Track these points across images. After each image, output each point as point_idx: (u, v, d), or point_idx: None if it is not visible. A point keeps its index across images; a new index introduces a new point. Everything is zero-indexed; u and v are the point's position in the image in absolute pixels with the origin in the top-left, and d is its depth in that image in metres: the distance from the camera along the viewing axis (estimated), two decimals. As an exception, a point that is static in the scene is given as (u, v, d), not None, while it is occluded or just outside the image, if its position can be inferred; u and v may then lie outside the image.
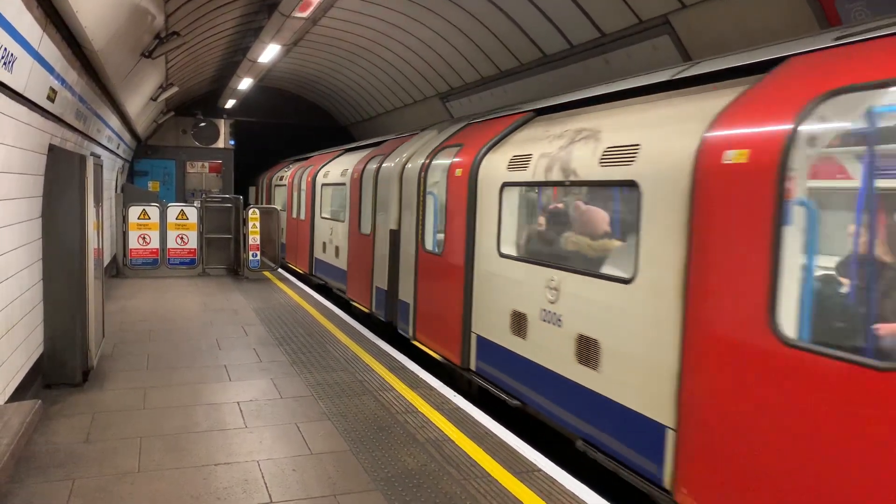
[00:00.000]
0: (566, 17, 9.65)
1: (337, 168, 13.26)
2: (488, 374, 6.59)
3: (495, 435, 5.50)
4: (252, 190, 25.72)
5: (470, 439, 5.39)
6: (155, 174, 22.70)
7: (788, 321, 3.42)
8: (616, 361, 4.72)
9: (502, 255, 6.32)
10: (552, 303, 5.45)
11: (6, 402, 5.28)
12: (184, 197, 22.29)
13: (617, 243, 5.37)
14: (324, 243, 13.57)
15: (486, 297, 6.61)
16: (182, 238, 14.23)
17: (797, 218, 3.53)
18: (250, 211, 14.44)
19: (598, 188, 5.54)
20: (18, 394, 5.63)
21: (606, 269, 5.11)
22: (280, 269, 15.19)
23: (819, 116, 3.51)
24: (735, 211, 3.74)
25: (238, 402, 6.17)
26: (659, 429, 4.26)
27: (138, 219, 13.91)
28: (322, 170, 14.42)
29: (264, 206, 17.53)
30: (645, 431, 4.38)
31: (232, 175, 23.97)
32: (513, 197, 6.38)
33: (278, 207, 16.42)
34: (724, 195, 3.83)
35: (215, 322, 9.70)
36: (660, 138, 4.53)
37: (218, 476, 4.63)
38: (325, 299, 11.93)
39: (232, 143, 23.64)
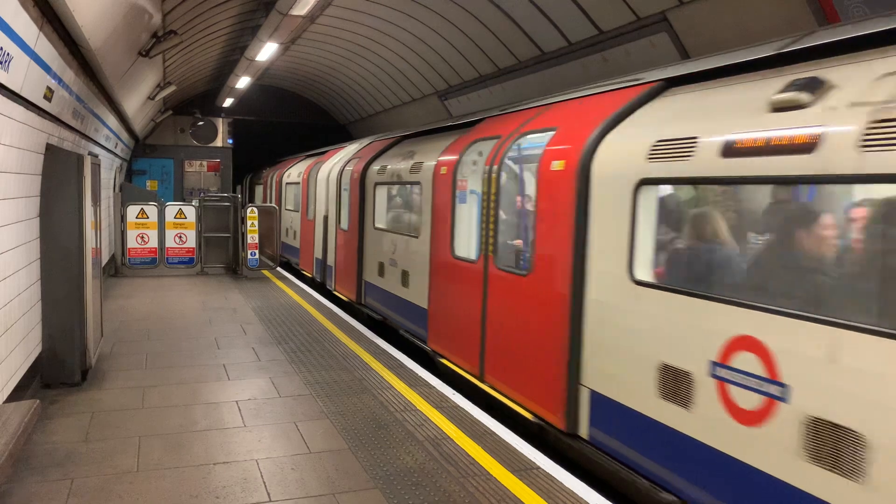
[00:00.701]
0: (564, 14, 9.64)
1: (295, 170, 17.21)
2: (370, 305, 10.15)
3: (494, 433, 5.50)
4: (238, 188, 26.10)
5: (469, 437, 5.39)
6: (153, 173, 22.69)
7: (457, 248, 7.07)
8: (414, 280, 8.32)
9: (375, 228, 9.93)
10: (393, 254, 9.07)
11: (5, 402, 5.28)
12: (182, 196, 22.28)
13: (420, 216, 8.33)
14: (286, 229, 17.24)
15: (369, 256, 10.22)
16: (180, 237, 14.22)
17: (467, 199, 7.19)
18: (249, 210, 14.42)
19: (411, 185, 8.79)
20: (17, 393, 5.63)
21: (413, 231, 8.51)
22: (279, 268, 15.19)
23: (469, 152, 7.14)
24: (441, 197, 7.44)
25: (237, 401, 6.16)
26: (424, 311, 7.89)
27: (136, 218, 13.89)
28: (286, 172, 18.48)
29: (263, 204, 17.51)
30: (422, 315, 7.99)
31: (230, 174, 23.96)
32: (382, 191, 9.99)
33: (258, 203, 19.04)
34: (439, 189, 7.51)
35: (214, 321, 9.70)
36: (428, 159, 8.11)
37: (217, 475, 4.63)
38: (324, 298, 11.93)
39: (230, 141, 23.63)
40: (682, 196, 4.69)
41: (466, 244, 7.01)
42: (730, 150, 3.80)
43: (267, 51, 12.62)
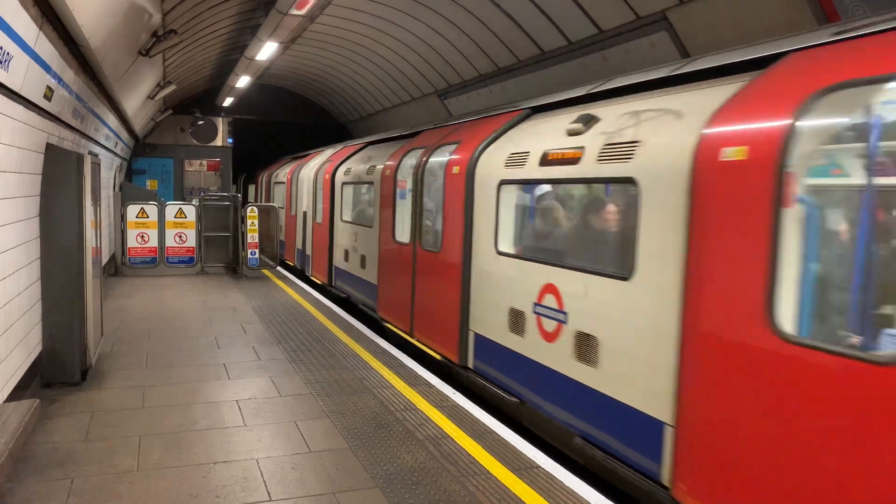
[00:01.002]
0: (564, 13, 9.64)
1: (282, 171, 19.04)
2: (338, 286, 12.04)
3: (494, 432, 5.50)
4: (233, 188, 26.50)
5: (469, 436, 5.39)
6: (153, 173, 22.67)
7: (397, 234, 8.68)
8: (369, 262, 10.06)
9: (342, 221, 11.77)
10: (355, 241, 10.90)
11: (4, 402, 5.28)
12: (182, 195, 22.27)
13: (373, 210, 9.93)
14: None
15: (337, 245, 12.01)
16: (181, 236, 14.22)
17: (406, 196, 8.42)
18: (248, 209, 14.42)
19: (367, 184, 10.55)
20: (17, 393, 5.63)
21: (368, 222, 10.25)
22: (279, 268, 15.19)
23: (407, 158, 8.73)
24: (387, 194, 9.07)
25: (237, 401, 6.17)
26: (375, 287, 9.55)
27: (137, 217, 13.89)
28: (275, 172, 20.52)
29: (263, 203, 17.51)
30: (374, 290, 9.64)
31: (230, 173, 23.94)
32: (348, 190, 11.79)
33: (251, 200, 20.82)
34: (385, 188, 9.17)
35: (214, 320, 9.70)
36: (379, 163, 9.85)
37: (217, 474, 4.63)
38: (324, 297, 11.93)
39: (230, 141, 23.61)
40: (521, 192, 6.38)
41: (403, 231, 8.57)
42: (543, 161, 5.60)
43: (267, 50, 12.61)
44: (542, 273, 5.48)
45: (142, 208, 13.99)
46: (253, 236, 14.21)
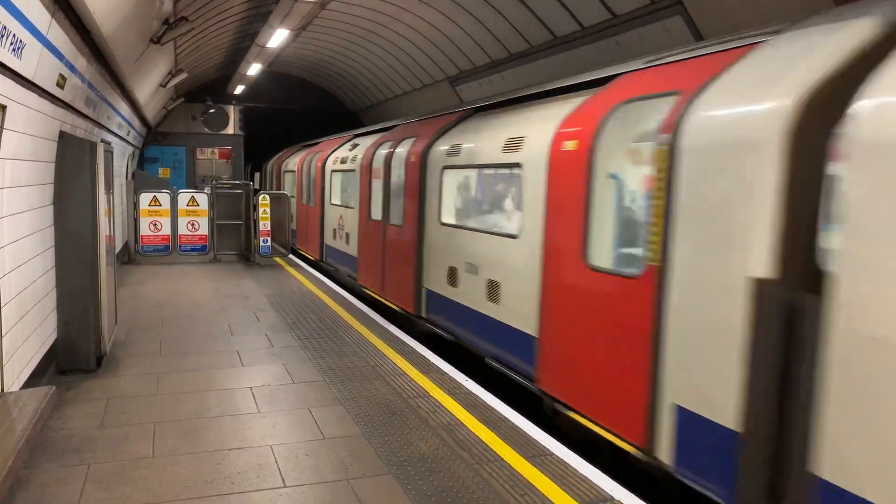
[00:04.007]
0: (577, -2, 9.53)
1: (292, 160, 20.88)
2: (328, 261, 14.19)
3: (508, 419, 5.50)
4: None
5: (482, 424, 5.39)
6: (165, 161, 22.72)
7: (372, 214, 10.43)
8: (351, 239, 11.82)
9: (331, 204, 13.81)
10: (341, 221, 12.80)
11: (21, 389, 5.33)
12: (194, 183, 22.32)
13: (355, 194, 11.71)
14: None
15: (328, 225, 14.18)
16: (193, 224, 14.26)
17: (380, 181, 10.07)
18: (261, 197, 14.43)
19: (351, 172, 12.18)
20: (33, 380, 5.68)
21: (352, 204, 11.95)
22: (291, 255, 15.23)
23: (380, 149, 10.47)
24: (364, 180, 10.88)
25: (251, 388, 6.19)
26: (356, 259, 11.25)
27: (149, 205, 13.93)
28: (275, 162, 22.61)
29: (275, 192, 17.54)
30: (355, 261, 11.39)
31: (242, 161, 23.97)
32: (337, 177, 13.72)
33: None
34: (363, 175, 10.88)
35: (227, 308, 9.74)
36: (360, 153, 11.39)
37: (231, 461, 4.66)
38: (336, 285, 11.95)
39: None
40: (456, 175, 7.98)
41: (376, 211, 10.20)
42: (470, 150, 7.34)
43: (278, 37, 12.56)
44: (468, 237, 7.26)
45: (154, 196, 14.03)
46: (265, 224, 14.24)
